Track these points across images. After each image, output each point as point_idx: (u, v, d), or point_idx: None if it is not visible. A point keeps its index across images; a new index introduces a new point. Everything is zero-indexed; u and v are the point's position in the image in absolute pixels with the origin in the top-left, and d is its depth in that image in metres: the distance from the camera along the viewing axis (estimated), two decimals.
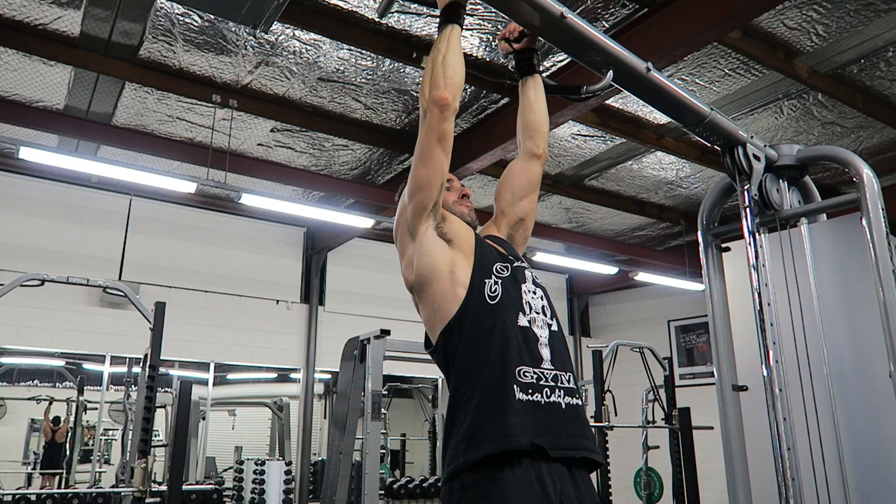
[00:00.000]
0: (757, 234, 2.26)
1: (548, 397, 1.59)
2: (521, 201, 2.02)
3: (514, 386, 1.55)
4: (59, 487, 6.55)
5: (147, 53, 4.60)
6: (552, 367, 1.63)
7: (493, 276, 1.69)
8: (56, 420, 7.69)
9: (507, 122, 5.16)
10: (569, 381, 1.65)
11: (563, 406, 1.60)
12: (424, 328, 1.75)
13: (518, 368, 1.57)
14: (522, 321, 1.65)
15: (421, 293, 1.72)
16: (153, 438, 4.50)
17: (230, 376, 8.24)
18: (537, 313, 1.69)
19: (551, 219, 7.79)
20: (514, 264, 1.77)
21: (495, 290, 1.67)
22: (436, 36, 1.75)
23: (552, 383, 1.61)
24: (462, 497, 1.51)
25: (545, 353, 1.64)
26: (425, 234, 1.71)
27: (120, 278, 6.62)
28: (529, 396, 1.56)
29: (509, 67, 2.10)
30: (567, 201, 7.21)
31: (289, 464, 6.07)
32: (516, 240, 2.00)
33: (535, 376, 1.59)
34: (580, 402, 1.67)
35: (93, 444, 7.04)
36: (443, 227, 1.74)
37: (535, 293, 1.73)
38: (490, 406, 1.54)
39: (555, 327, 1.71)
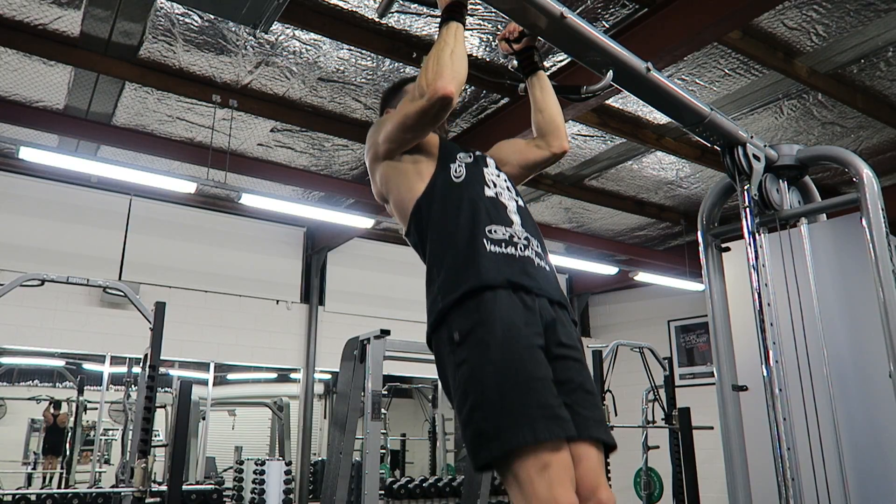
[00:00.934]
0: (757, 234, 2.26)
1: (522, 251, 1.63)
2: (508, 167, 1.97)
3: (484, 240, 1.61)
4: (59, 486, 6.55)
5: (147, 53, 4.60)
6: (523, 230, 1.68)
7: (457, 161, 1.78)
8: (57, 405, 7.68)
9: (507, 122, 5.16)
10: (540, 248, 1.70)
11: (537, 264, 1.65)
12: (398, 221, 1.82)
13: (488, 227, 1.63)
14: (489, 192, 1.72)
15: (390, 193, 1.80)
16: (153, 438, 4.51)
17: (230, 376, 8.24)
18: (502, 189, 1.76)
19: (551, 219, 7.79)
20: (477, 153, 1.85)
21: (460, 172, 1.75)
22: (436, 35, 1.75)
23: (525, 242, 1.66)
24: (450, 324, 1.55)
25: (515, 218, 1.70)
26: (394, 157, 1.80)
27: (120, 278, 6.62)
28: (502, 249, 1.61)
29: (509, 67, 2.09)
30: (567, 201, 7.21)
31: (289, 464, 6.06)
32: None
33: (507, 234, 1.64)
34: (553, 270, 1.71)
35: (94, 436, 7.03)
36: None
37: (498, 175, 1.81)
38: (462, 257, 1.60)
39: (521, 203, 1.78)
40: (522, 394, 1.43)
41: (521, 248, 1.63)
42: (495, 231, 1.63)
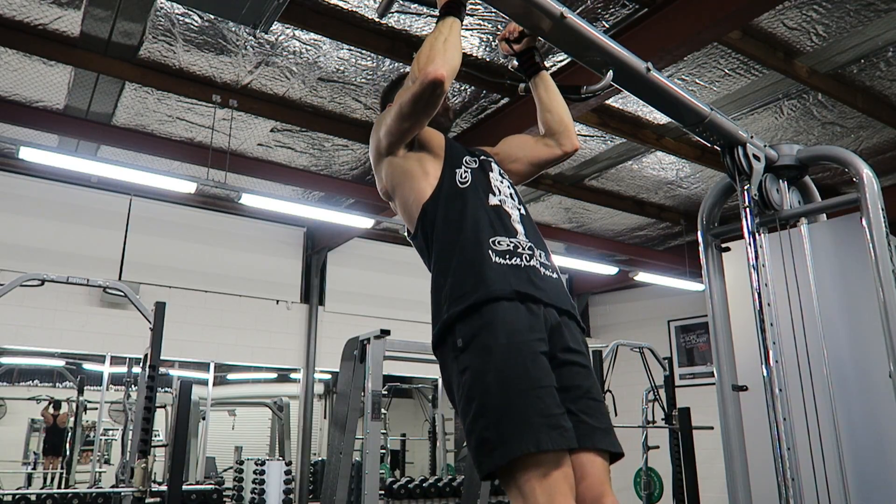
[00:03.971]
0: (757, 234, 2.26)
1: (527, 262, 1.63)
2: (517, 163, 1.99)
3: (490, 251, 1.61)
4: (59, 486, 6.56)
5: (147, 53, 4.60)
6: (527, 240, 1.68)
7: (462, 166, 1.78)
8: (57, 405, 7.68)
9: (507, 123, 5.16)
10: (545, 258, 1.69)
11: (543, 274, 1.64)
12: (404, 222, 1.82)
13: (492, 238, 1.63)
14: (493, 201, 1.72)
15: (396, 192, 1.81)
16: (153, 438, 4.51)
17: (230, 376, 8.25)
18: (506, 196, 1.76)
19: (551, 219, 7.79)
20: (482, 157, 1.85)
21: (465, 177, 1.75)
22: (434, 26, 1.74)
23: (529, 252, 1.65)
24: (454, 332, 1.54)
25: (519, 227, 1.70)
26: (397, 154, 1.80)
27: (120, 278, 6.62)
28: (507, 261, 1.61)
29: (510, 68, 2.09)
30: (567, 201, 7.21)
31: (289, 464, 6.07)
32: None
33: (512, 245, 1.64)
34: (559, 278, 1.70)
35: (93, 437, 7.03)
36: (414, 140, 1.82)
37: (502, 181, 1.81)
38: (468, 265, 1.59)
39: (524, 212, 1.78)
40: (525, 402, 1.42)
41: (526, 259, 1.63)
42: (500, 242, 1.63)
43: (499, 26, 4.26)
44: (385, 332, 4.14)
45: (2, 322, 5.97)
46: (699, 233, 2.50)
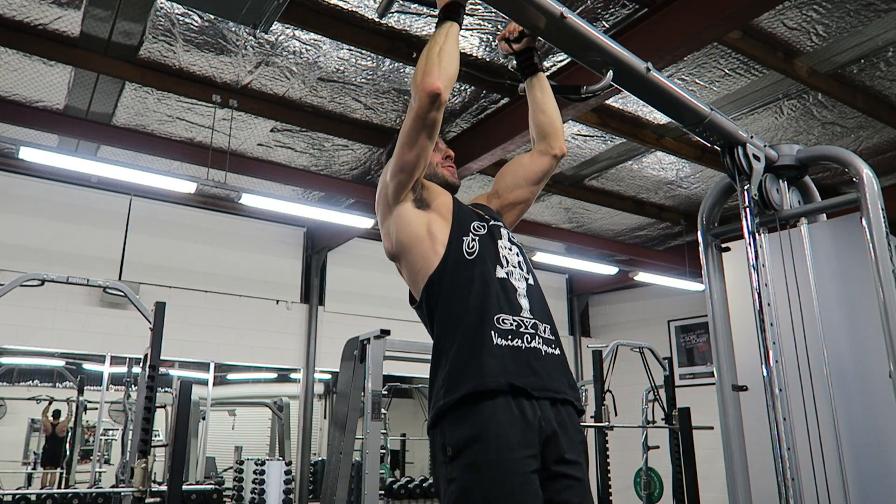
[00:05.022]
0: (757, 234, 2.25)
1: (528, 343, 1.61)
2: (518, 190, 2.01)
3: (492, 332, 1.58)
4: (59, 486, 6.55)
5: (147, 53, 4.60)
6: (531, 317, 1.66)
7: (470, 234, 1.75)
8: (56, 414, 7.68)
9: (507, 122, 5.16)
10: (548, 333, 1.67)
11: (544, 353, 1.62)
12: (408, 286, 1.80)
13: (497, 316, 1.61)
14: (500, 273, 1.69)
15: (402, 257, 1.78)
16: (153, 438, 4.50)
17: (230, 376, 8.24)
18: (514, 267, 1.74)
19: (551, 219, 7.79)
20: (491, 223, 1.82)
21: (473, 247, 1.72)
22: (434, 31, 1.75)
23: (532, 331, 1.63)
24: (444, 432, 1.53)
25: (524, 303, 1.67)
26: (404, 206, 1.76)
27: (120, 278, 6.62)
28: (509, 342, 1.58)
29: (509, 67, 2.09)
30: (567, 201, 7.21)
31: (289, 464, 6.07)
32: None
33: (515, 324, 1.62)
34: (561, 353, 1.69)
35: (93, 443, 7.03)
36: (422, 195, 1.79)
37: (510, 249, 1.78)
38: (468, 350, 1.57)
39: (532, 281, 1.75)
40: None
41: (527, 340, 1.61)
42: (504, 320, 1.60)
43: (499, 26, 4.26)
44: (385, 332, 4.14)
45: (2, 322, 5.97)
46: (699, 233, 2.50)
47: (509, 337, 1.59)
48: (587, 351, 7.67)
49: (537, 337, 1.63)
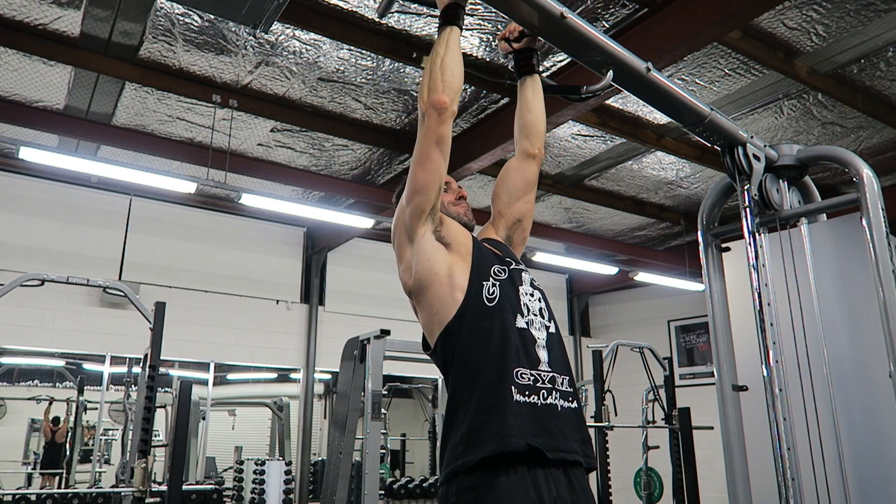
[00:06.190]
0: (757, 234, 2.26)
1: (544, 399, 1.58)
2: (518, 202, 2.02)
3: (512, 387, 1.55)
4: (59, 487, 6.55)
5: (147, 53, 4.60)
6: (549, 370, 1.63)
7: (490, 279, 1.69)
8: (56, 420, 7.69)
9: (507, 122, 5.11)
10: (565, 385, 1.64)
11: (560, 409, 1.60)
12: (422, 328, 1.75)
13: (516, 370, 1.57)
14: (520, 323, 1.65)
15: (419, 297, 1.72)
16: (153, 438, 4.50)
17: (230, 376, 8.24)
18: (535, 315, 1.69)
19: (551, 219, 7.79)
20: (512, 266, 1.77)
21: (493, 293, 1.66)
22: (436, 37, 1.76)
23: (549, 385, 1.61)
24: (458, 501, 1.51)
25: (543, 355, 1.64)
26: (423, 238, 1.71)
27: (120, 278, 6.62)
28: (526, 398, 1.56)
29: (509, 67, 2.09)
30: (567, 201, 7.21)
31: (289, 464, 6.07)
32: (514, 241, 2.01)
33: (533, 378, 1.59)
34: (577, 406, 1.66)
35: (93, 444, 7.03)
36: (440, 231, 1.74)
37: (532, 295, 1.73)
38: (487, 407, 1.54)
39: (552, 329, 1.71)
40: None
41: (543, 396, 1.58)
42: (522, 375, 1.58)
43: (499, 26, 4.26)
44: (385, 332, 4.14)
45: (2, 322, 5.97)
46: (699, 233, 2.50)
47: (527, 393, 1.57)
48: (587, 351, 7.67)
49: (554, 391, 1.61)
